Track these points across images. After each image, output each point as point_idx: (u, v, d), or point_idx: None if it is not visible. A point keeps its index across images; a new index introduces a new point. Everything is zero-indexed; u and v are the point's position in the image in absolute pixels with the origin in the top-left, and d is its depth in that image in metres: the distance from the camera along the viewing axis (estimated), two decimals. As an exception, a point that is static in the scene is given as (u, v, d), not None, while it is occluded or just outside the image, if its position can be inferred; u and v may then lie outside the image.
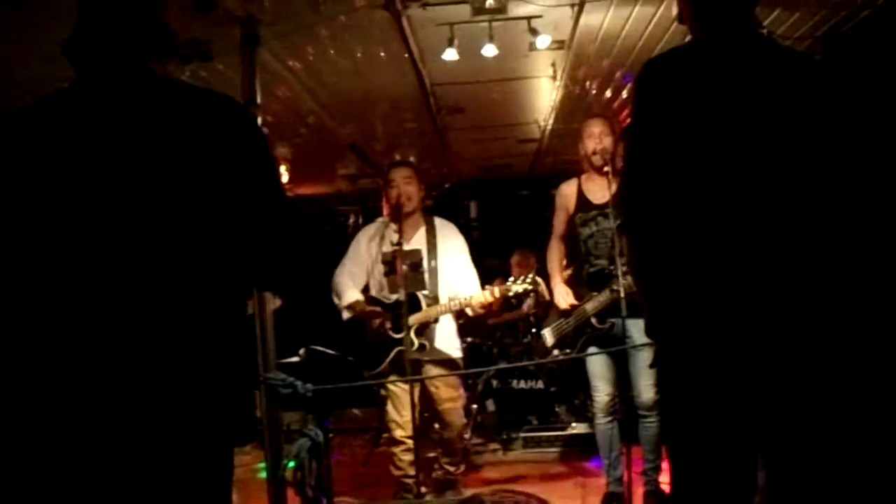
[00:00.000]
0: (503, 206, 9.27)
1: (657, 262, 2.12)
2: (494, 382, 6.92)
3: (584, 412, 6.58)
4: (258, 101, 3.49)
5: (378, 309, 4.60)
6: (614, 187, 4.31)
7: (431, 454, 5.08)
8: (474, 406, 6.73)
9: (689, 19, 2.27)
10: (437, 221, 4.84)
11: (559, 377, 6.84)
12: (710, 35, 2.19)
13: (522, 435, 6.50)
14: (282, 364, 3.47)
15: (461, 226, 5.22)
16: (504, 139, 7.30)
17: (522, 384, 6.90)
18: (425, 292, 4.57)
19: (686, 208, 2.05)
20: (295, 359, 3.71)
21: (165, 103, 1.78)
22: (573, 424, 6.44)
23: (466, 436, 5.87)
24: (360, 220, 9.07)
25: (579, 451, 6.02)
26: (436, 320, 4.58)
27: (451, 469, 4.96)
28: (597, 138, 4.42)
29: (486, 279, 4.91)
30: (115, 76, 1.78)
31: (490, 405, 6.97)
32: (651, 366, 2.21)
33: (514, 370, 6.87)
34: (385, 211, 4.86)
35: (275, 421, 3.12)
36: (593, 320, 4.50)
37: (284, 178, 7.12)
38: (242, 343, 1.84)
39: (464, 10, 4.36)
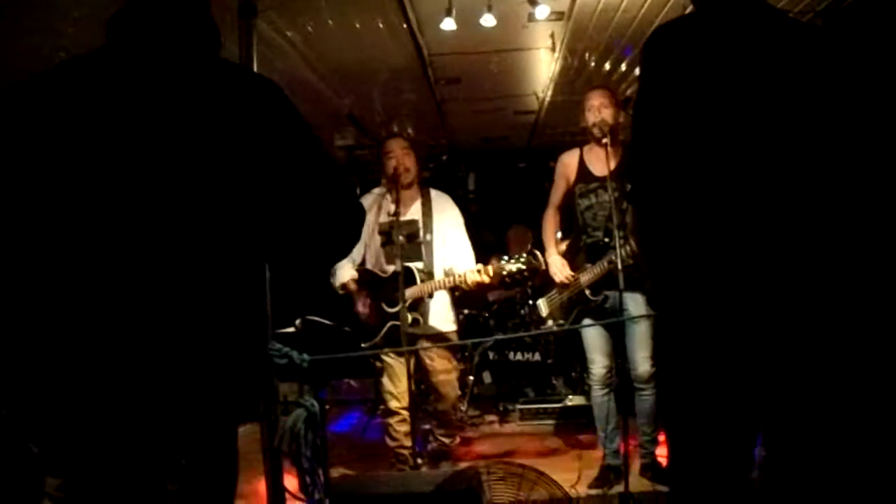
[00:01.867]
0: (501, 179, 9.23)
1: (663, 232, 2.10)
2: (491, 354, 6.94)
3: (580, 384, 6.60)
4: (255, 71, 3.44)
5: (366, 293, 4.62)
6: (613, 160, 4.31)
7: (426, 426, 5.09)
8: (471, 378, 6.76)
9: None
10: (434, 193, 4.82)
11: (556, 349, 6.85)
12: (718, 4, 2.16)
13: (519, 407, 6.52)
14: (278, 334, 3.45)
15: (459, 198, 5.20)
16: (502, 111, 7.25)
17: (519, 356, 6.93)
18: (420, 266, 4.56)
19: (692, 179, 2.03)
20: (291, 329, 3.70)
21: (193, 74, 1.74)
22: (570, 397, 6.46)
23: (462, 407, 5.89)
24: (358, 192, 9.00)
25: (576, 424, 6.02)
26: (430, 295, 4.58)
27: (446, 441, 4.98)
28: (596, 110, 4.39)
29: (482, 253, 4.90)
30: (148, 50, 1.75)
31: (487, 377, 7.00)
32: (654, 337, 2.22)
33: (511, 342, 6.88)
34: (383, 182, 4.84)
35: (270, 392, 3.10)
36: (587, 292, 4.50)
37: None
38: (258, 315, 1.81)
39: (463, -21, 4.32)
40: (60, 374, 1.58)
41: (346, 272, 4.73)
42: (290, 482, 3.14)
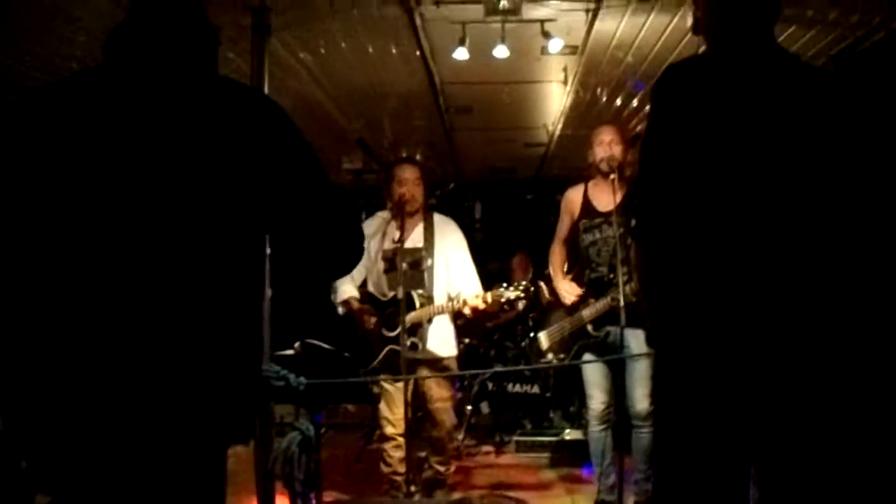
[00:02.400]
0: (507, 209, 9.24)
1: (665, 271, 2.09)
2: (489, 385, 6.91)
3: (578, 418, 6.55)
4: (266, 90, 3.46)
5: (369, 308, 4.61)
6: (619, 195, 4.31)
7: (422, 454, 5.05)
8: (468, 407, 6.73)
9: (705, 30, 2.25)
10: (436, 218, 4.82)
11: (555, 383, 6.81)
12: (730, 46, 2.16)
13: (515, 439, 6.48)
14: (276, 356, 3.44)
15: (464, 227, 5.20)
16: (512, 142, 7.27)
17: (517, 388, 6.89)
18: (420, 291, 4.55)
19: (697, 219, 2.03)
20: (290, 352, 3.68)
21: (195, 89, 1.75)
22: (567, 431, 6.41)
23: (459, 436, 5.85)
24: (364, 217, 9.00)
25: (572, 458, 5.96)
26: (429, 320, 4.57)
27: (441, 469, 4.93)
28: (606, 146, 4.40)
29: (486, 282, 4.88)
30: (153, 65, 1.75)
31: (484, 407, 6.96)
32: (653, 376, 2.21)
33: (510, 374, 6.85)
34: (388, 206, 4.84)
35: (266, 413, 3.09)
36: (589, 327, 4.48)
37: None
38: (255, 336, 1.80)
39: (477, 10, 4.34)
40: (52, 391, 1.57)
41: (347, 289, 4.72)
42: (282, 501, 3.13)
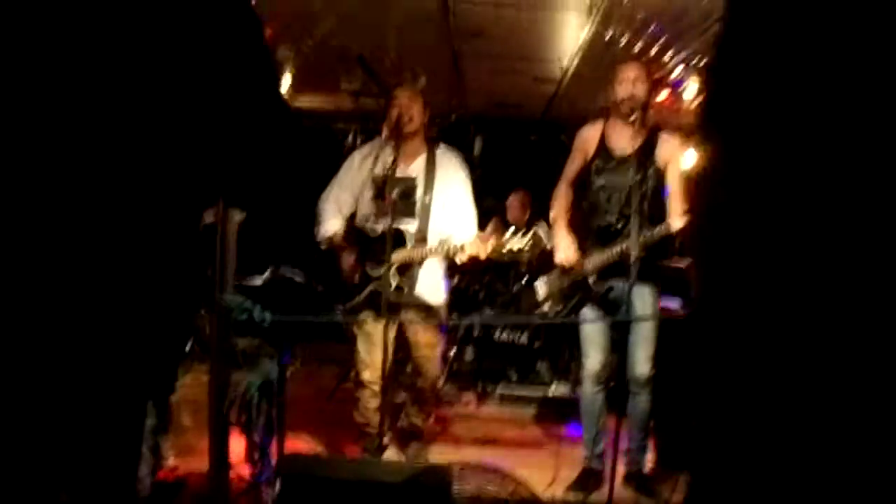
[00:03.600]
0: (510, 147, 8.80)
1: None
2: (475, 330, 6.55)
3: (566, 373, 6.23)
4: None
5: (354, 250, 4.20)
6: (640, 140, 3.91)
7: (399, 401, 4.71)
8: (451, 352, 6.39)
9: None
10: (440, 150, 4.36)
11: (545, 332, 6.46)
12: None
13: (500, 391, 6.17)
14: (241, 286, 3.04)
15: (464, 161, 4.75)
16: (521, 74, 6.80)
17: (504, 336, 6.55)
18: (413, 229, 4.14)
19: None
20: (257, 282, 3.28)
21: None
22: (554, 385, 6.09)
23: (439, 384, 5.49)
24: (359, 141, 8.60)
25: (557, 415, 5.67)
26: (420, 262, 4.17)
27: (418, 421, 4.58)
28: (630, 84, 3.99)
29: (481, 219, 4.47)
30: None
31: (469, 353, 6.61)
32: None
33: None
34: (385, 132, 4.39)
35: (223, 349, 2.69)
36: (591, 280, 4.11)
37: (286, 83, 6.63)
38: (183, 264, 1.42)
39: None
40: None
41: (333, 223, 4.30)
42: (239, 445, 2.76)
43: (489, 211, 7.62)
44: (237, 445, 3.11)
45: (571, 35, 5.66)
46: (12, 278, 1.25)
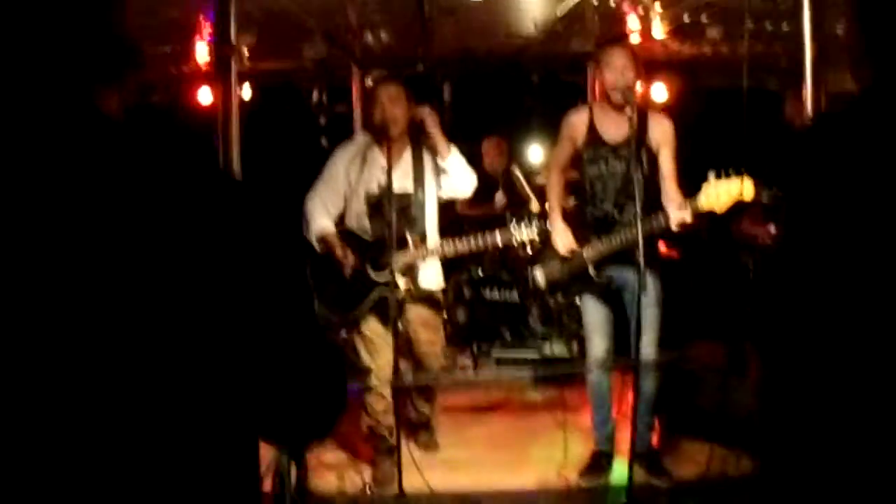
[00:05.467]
0: (479, 92, 8.60)
1: None
2: (466, 292, 6.54)
3: (559, 326, 6.22)
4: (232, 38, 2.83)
5: (350, 249, 4.12)
6: (630, 124, 3.82)
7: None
8: (444, 316, 6.37)
9: (858, 60, 1.46)
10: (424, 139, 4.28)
11: (535, 289, 6.44)
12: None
13: (496, 355, 6.20)
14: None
15: (433, 109, 4.63)
16: (491, 34, 6.57)
17: (496, 295, 6.53)
18: (413, 232, 4.10)
19: None
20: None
21: (117, 172, 1.12)
22: (548, 345, 6.12)
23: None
24: (325, 98, 8.38)
25: (556, 377, 5.74)
26: (423, 259, 4.15)
27: (425, 410, 4.64)
28: (618, 72, 3.88)
29: None
30: (39, 121, 1.13)
31: (461, 315, 6.59)
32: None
33: (488, 279, 6.47)
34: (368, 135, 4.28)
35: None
36: (590, 270, 4.09)
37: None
38: None
39: None
40: None
41: (323, 222, 4.20)
42: None
43: (464, 157, 7.51)
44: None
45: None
46: None
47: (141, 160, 1.17)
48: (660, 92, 6.46)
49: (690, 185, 3.87)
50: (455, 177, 4.23)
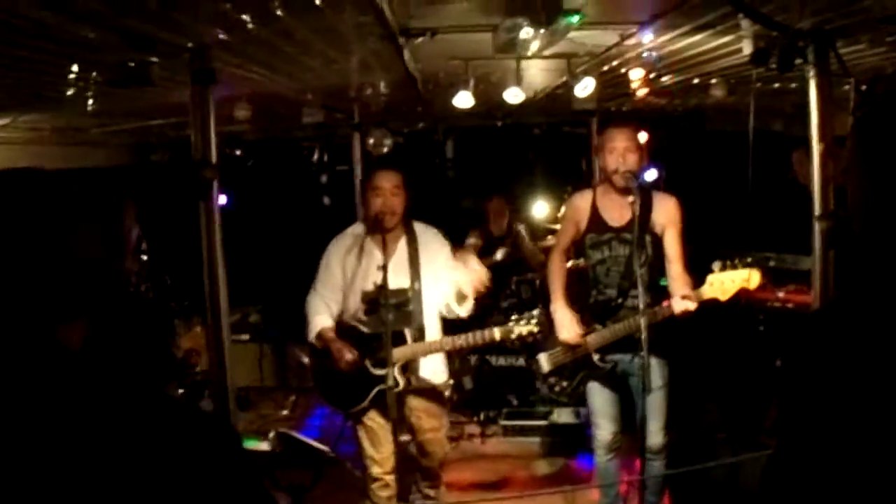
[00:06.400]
0: (481, 145, 8.56)
1: None
2: (472, 358, 6.47)
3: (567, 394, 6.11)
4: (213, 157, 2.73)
5: (347, 345, 4.02)
6: (633, 207, 3.74)
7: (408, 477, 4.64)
8: (450, 383, 6.28)
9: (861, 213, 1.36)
10: (419, 229, 4.19)
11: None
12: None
13: (502, 423, 6.10)
14: (250, 451, 2.90)
15: (436, 167, 4.57)
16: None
17: (502, 361, 6.46)
18: (411, 328, 4.00)
19: None
20: (264, 446, 3.13)
21: (69, 408, 1.14)
22: (556, 410, 6.01)
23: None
24: (325, 157, 8.36)
25: (564, 445, 5.67)
26: (423, 355, 4.07)
27: (432, 493, 4.55)
28: (619, 155, 3.81)
29: (461, 222, 4.31)
30: None
31: (467, 382, 6.51)
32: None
33: (494, 346, 6.37)
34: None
35: None
36: (595, 357, 4.00)
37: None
38: None
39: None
40: None
41: (322, 319, 4.12)
42: None
43: (468, 214, 7.50)
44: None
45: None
46: None
47: (95, 395, 1.18)
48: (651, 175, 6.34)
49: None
50: (461, 307, 4.09)
